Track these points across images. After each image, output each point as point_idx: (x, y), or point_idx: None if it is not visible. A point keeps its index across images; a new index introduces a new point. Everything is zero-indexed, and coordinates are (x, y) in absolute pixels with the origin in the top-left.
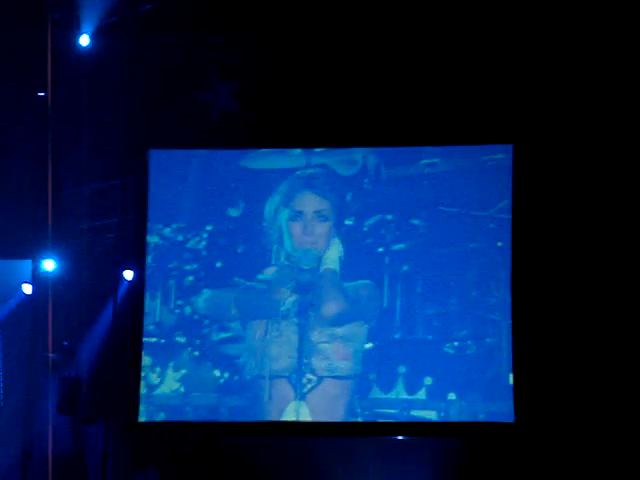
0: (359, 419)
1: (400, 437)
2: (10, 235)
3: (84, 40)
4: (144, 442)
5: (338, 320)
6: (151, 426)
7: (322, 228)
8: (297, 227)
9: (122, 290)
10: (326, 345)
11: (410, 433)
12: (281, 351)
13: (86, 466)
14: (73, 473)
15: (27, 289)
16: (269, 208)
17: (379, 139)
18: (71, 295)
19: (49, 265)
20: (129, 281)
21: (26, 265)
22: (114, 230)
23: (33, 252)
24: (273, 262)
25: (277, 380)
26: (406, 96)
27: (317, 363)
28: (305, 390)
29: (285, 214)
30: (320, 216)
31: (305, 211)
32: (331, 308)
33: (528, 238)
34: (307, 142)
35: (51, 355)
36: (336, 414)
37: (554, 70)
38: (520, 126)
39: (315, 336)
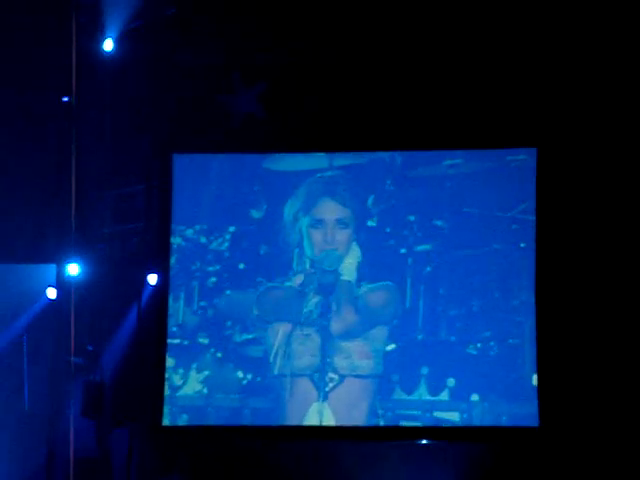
0: (381, 420)
1: (423, 441)
2: (34, 240)
3: (108, 45)
4: (168, 446)
5: (353, 333)
6: (175, 430)
7: (342, 235)
8: (318, 234)
9: (146, 294)
10: (348, 344)
11: (431, 437)
12: (304, 351)
13: (110, 469)
14: (97, 476)
15: (51, 293)
16: (288, 212)
17: (402, 143)
18: (95, 299)
19: (73, 269)
20: (153, 285)
21: (50, 270)
22: (138, 234)
23: (57, 257)
24: (295, 265)
25: (299, 379)
26: (430, 100)
27: (339, 362)
28: (327, 389)
29: (305, 221)
30: (341, 224)
31: (326, 219)
32: (345, 322)
33: (552, 240)
34: (330, 146)
35: (75, 359)
36: (358, 415)
37: (576, 74)
38: (543, 129)
39: (337, 337)
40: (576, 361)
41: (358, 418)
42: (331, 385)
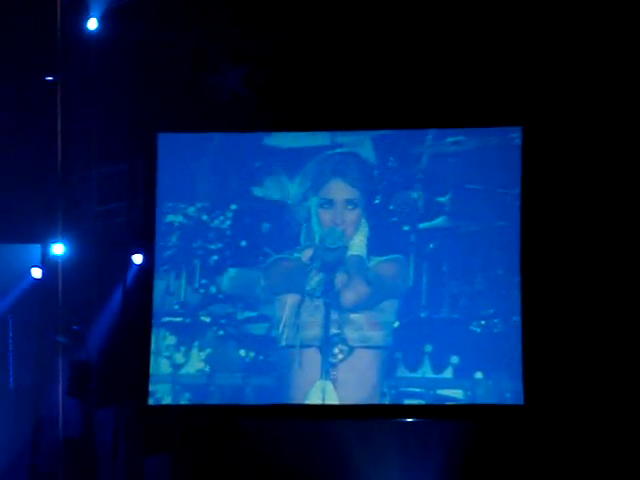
0: (386, 397)
1: (409, 420)
2: (19, 219)
3: (92, 24)
4: (155, 425)
5: (364, 305)
6: (161, 409)
7: (352, 215)
8: (327, 214)
9: (131, 273)
10: (358, 316)
11: (422, 416)
12: (313, 322)
13: (96, 449)
14: (83, 456)
15: (36, 273)
16: (296, 190)
17: (405, 121)
18: (80, 279)
19: (58, 249)
20: (138, 265)
21: (35, 249)
22: (123, 214)
23: (42, 236)
24: (302, 240)
25: (307, 350)
26: (429, 78)
27: (350, 334)
28: (336, 360)
29: (314, 201)
30: (350, 203)
31: (335, 199)
32: (357, 294)
33: (540, 218)
34: (331, 124)
35: (61, 339)
36: (362, 392)
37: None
38: (530, 109)
39: (340, 314)
40: (563, 340)
41: (362, 394)
42: (340, 357)
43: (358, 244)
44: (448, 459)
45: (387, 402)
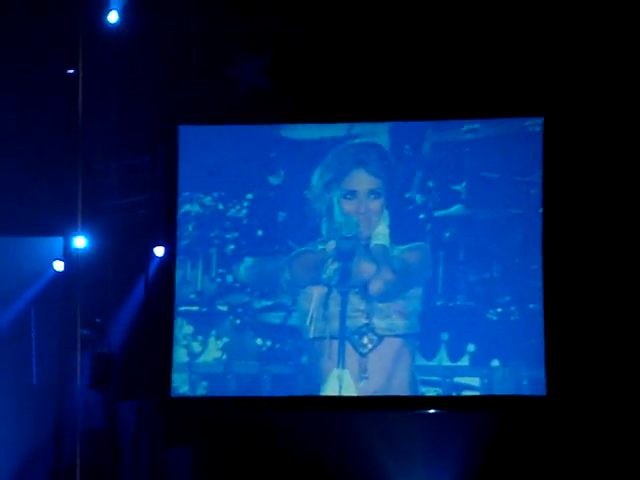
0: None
1: (432, 411)
2: (41, 213)
3: (113, 16)
4: (177, 418)
5: (387, 295)
6: (184, 401)
7: (375, 205)
8: (350, 205)
9: (153, 266)
10: (382, 305)
11: (440, 407)
12: (323, 316)
13: (119, 442)
14: (106, 449)
15: (58, 266)
16: (318, 181)
17: (416, 112)
18: (102, 272)
19: (80, 242)
20: (160, 257)
21: (57, 242)
22: (145, 206)
23: (64, 229)
24: (324, 234)
25: (319, 343)
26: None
27: (359, 327)
28: (366, 350)
29: (337, 193)
30: (373, 193)
31: (359, 190)
32: (380, 284)
33: (562, 206)
34: (342, 116)
35: (83, 331)
36: (378, 380)
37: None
38: (552, 98)
39: (357, 304)
40: (585, 330)
41: (380, 383)
42: (370, 346)
43: (382, 233)
44: (469, 451)
45: (410, 391)
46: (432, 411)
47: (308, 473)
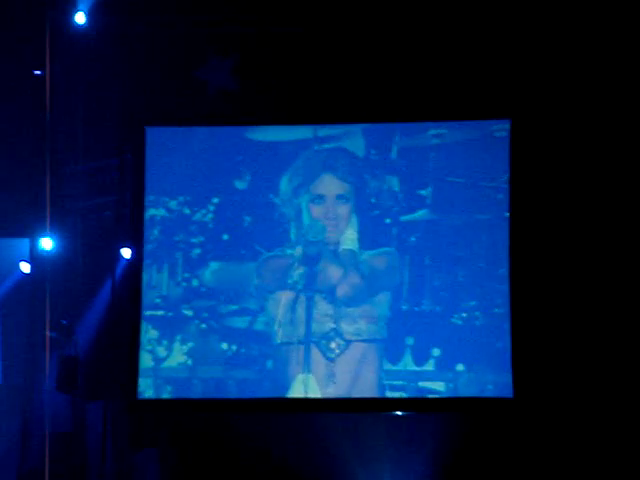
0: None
1: (400, 413)
2: (8, 214)
3: (80, 18)
4: (144, 420)
5: (355, 300)
6: (151, 403)
7: (343, 210)
8: (318, 210)
9: (120, 268)
10: (349, 310)
11: (409, 409)
12: (291, 321)
13: (85, 444)
14: (72, 451)
15: (25, 268)
16: (287, 187)
17: (383, 115)
18: (69, 273)
19: (47, 243)
20: (127, 259)
21: (24, 244)
22: (112, 208)
23: (31, 230)
24: (292, 239)
25: (286, 348)
26: (410, 71)
27: (326, 332)
28: (333, 355)
29: (306, 197)
30: (342, 198)
31: (327, 195)
32: (347, 289)
33: (528, 210)
34: (312, 118)
35: (50, 333)
36: (345, 384)
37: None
38: (519, 101)
39: (325, 309)
40: (552, 332)
41: (345, 387)
42: (337, 351)
43: (350, 238)
44: (437, 453)
45: (378, 395)
46: (400, 413)
47: (275, 475)
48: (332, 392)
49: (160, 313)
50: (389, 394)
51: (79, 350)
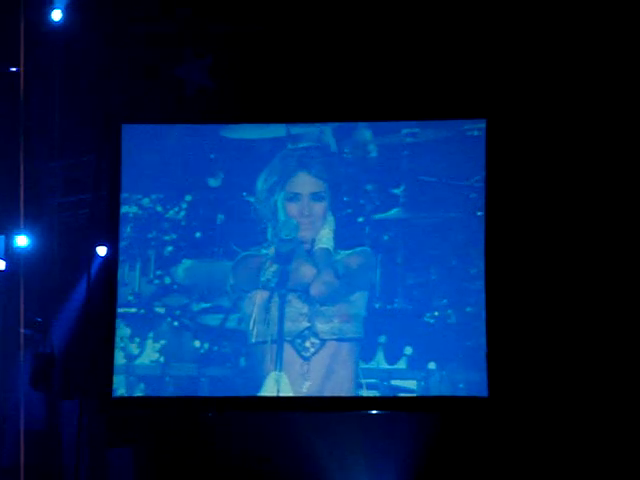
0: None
1: (374, 412)
2: None
3: (56, 15)
4: (119, 417)
5: (330, 299)
6: (126, 401)
7: (318, 208)
8: (294, 208)
9: (96, 265)
10: (324, 309)
11: (382, 408)
12: (265, 320)
13: (60, 442)
14: (47, 449)
15: (0, 265)
16: (262, 186)
17: (357, 114)
18: (44, 271)
19: (22, 241)
20: (102, 257)
21: None
22: (87, 205)
23: (5, 227)
24: (269, 238)
25: (261, 346)
26: (384, 70)
27: (301, 331)
28: (308, 354)
29: (281, 195)
30: (317, 196)
31: (302, 193)
32: (322, 287)
33: (503, 209)
34: (286, 116)
35: (25, 331)
36: (317, 383)
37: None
38: (494, 101)
39: (300, 308)
40: (527, 331)
41: (317, 386)
42: (312, 350)
43: (326, 237)
44: (411, 452)
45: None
46: (374, 412)
47: (248, 473)
48: (305, 391)
49: (132, 311)
50: (362, 392)
51: (54, 348)
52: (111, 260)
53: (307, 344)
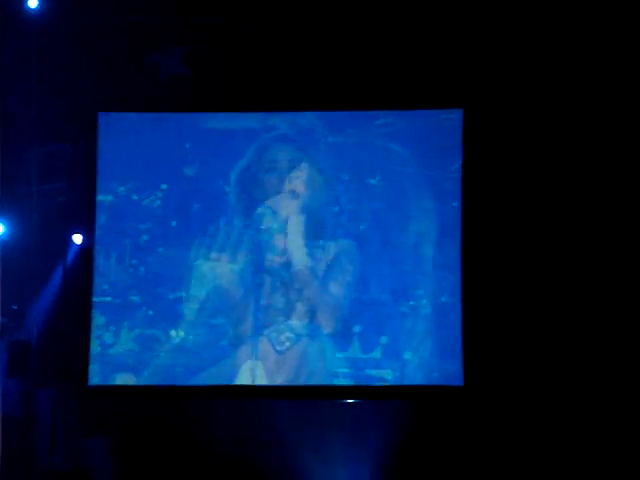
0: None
1: (350, 400)
2: None
3: (33, 2)
4: (95, 406)
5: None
6: (101, 390)
7: (299, 173)
8: (272, 179)
9: (72, 254)
10: (281, 303)
11: (357, 397)
12: (236, 310)
13: (36, 430)
14: (22, 437)
15: None
16: (238, 175)
17: (333, 104)
18: (20, 259)
19: None
20: (79, 245)
21: None
22: (64, 193)
23: None
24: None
25: (235, 337)
26: (361, 61)
27: (273, 322)
28: (283, 348)
29: (260, 173)
30: (293, 162)
31: (279, 159)
32: (299, 278)
33: (479, 199)
34: (264, 106)
35: (0, 319)
36: (292, 372)
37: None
38: (470, 90)
39: (275, 299)
40: (503, 323)
41: (292, 375)
42: (288, 344)
43: (297, 227)
44: (387, 440)
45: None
46: (349, 401)
47: (226, 460)
48: (280, 380)
49: (107, 299)
50: (337, 382)
51: (30, 335)
52: (87, 249)
53: (282, 337)
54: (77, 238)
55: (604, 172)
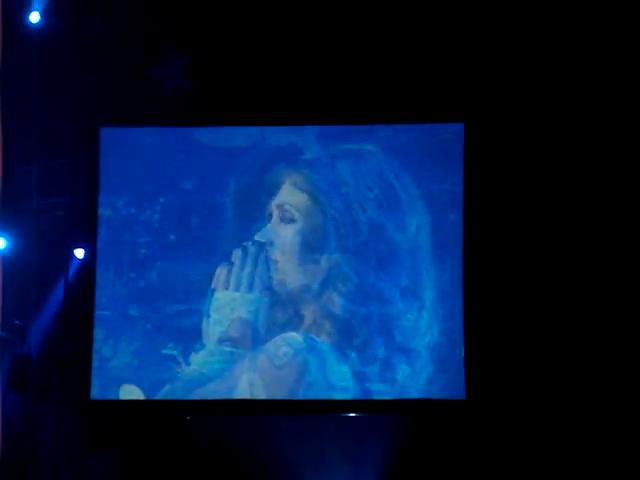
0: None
1: (352, 415)
2: None
3: (34, 17)
4: (97, 421)
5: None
6: (101, 404)
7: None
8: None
9: (73, 268)
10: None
11: (357, 411)
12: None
13: (37, 445)
14: (23, 451)
15: None
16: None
17: (332, 118)
18: (22, 273)
19: None
20: (80, 259)
21: None
22: (65, 208)
23: None
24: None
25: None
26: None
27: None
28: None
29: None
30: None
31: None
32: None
33: (480, 212)
34: (262, 120)
35: (2, 333)
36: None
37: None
38: (471, 104)
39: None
40: (504, 334)
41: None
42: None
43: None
44: (387, 455)
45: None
46: (349, 415)
47: (226, 474)
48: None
49: (106, 313)
50: (336, 395)
51: (32, 350)
52: (89, 262)
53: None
54: (79, 252)
55: (605, 185)
